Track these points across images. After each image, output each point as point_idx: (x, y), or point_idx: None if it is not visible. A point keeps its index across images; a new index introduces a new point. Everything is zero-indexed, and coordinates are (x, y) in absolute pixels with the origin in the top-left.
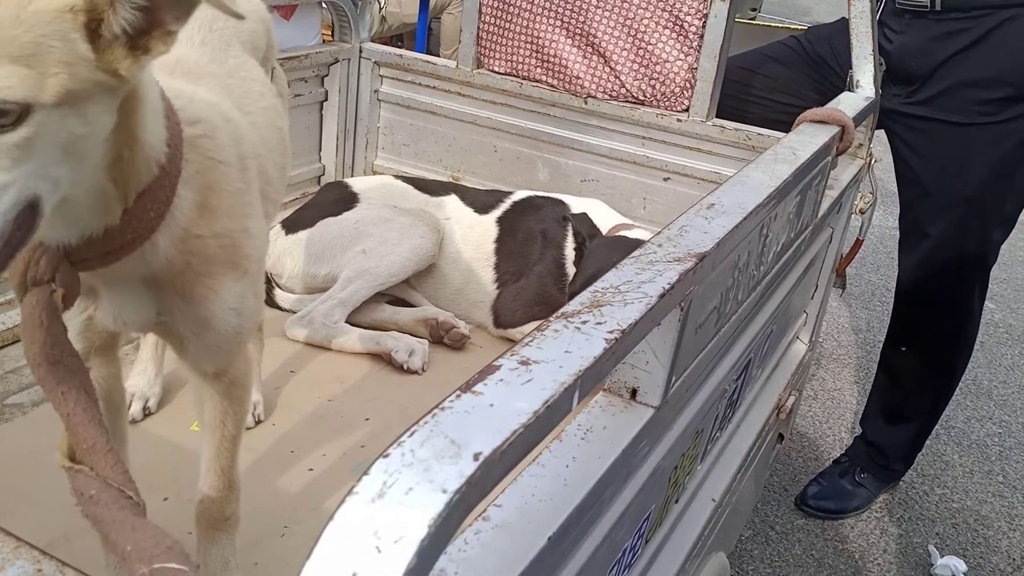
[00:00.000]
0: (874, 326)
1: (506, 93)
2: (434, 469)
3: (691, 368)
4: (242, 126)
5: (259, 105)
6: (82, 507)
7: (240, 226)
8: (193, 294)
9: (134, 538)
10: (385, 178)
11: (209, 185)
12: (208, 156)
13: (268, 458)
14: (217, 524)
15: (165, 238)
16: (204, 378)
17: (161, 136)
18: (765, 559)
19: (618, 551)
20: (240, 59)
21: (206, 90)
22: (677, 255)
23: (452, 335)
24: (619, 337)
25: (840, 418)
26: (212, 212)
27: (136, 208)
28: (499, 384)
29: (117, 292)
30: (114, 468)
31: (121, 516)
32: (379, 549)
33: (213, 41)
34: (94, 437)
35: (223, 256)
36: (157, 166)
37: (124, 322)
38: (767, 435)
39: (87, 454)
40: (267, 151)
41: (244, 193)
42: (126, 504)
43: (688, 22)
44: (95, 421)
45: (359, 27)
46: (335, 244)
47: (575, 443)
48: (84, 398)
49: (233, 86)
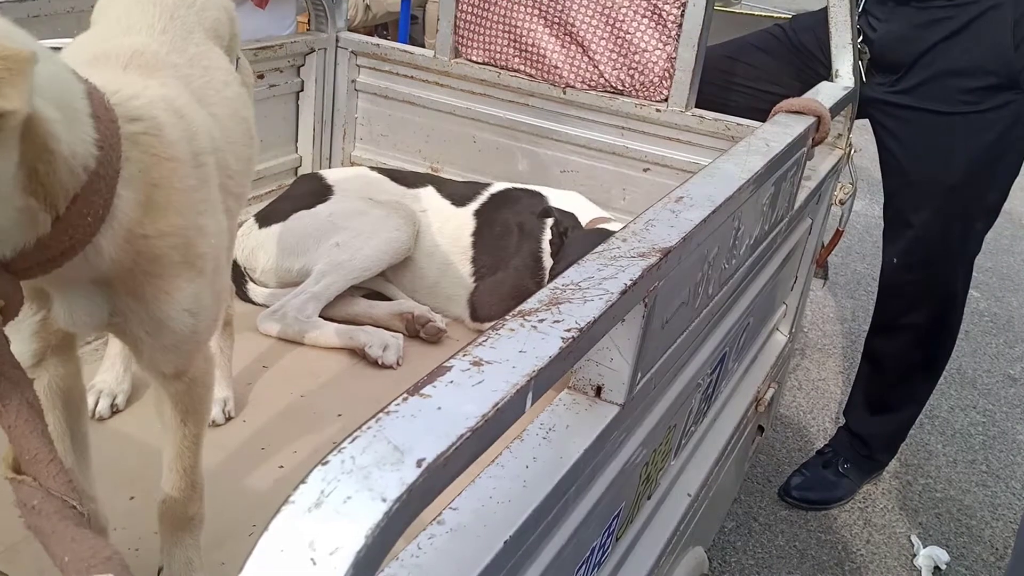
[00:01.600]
0: (859, 316)
1: (484, 83)
2: (374, 477)
3: (658, 364)
4: (197, 120)
5: (222, 95)
6: (25, 518)
7: (193, 224)
8: (145, 294)
9: (72, 548)
10: (360, 169)
11: (154, 183)
12: (151, 153)
13: (238, 455)
14: (180, 524)
15: (108, 240)
16: (162, 379)
17: (86, 140)
18: (748, 550)
19: (585, 550)
20: (202, 47)
21: (159, 83)
22: (641, 250)
23: (428, 329)
24: (577, 336)
25: (824, 408)
26: (159, 210)
27: (70, 215)
28: (449, 386)
29: (68, 294)
30: (56, 478)
31: (61, 527)
32: (314, 561)
33: (174, 29)
34: (37, 448)
35: (174, 256)
36: (86, 172)
37: (76, 322)
38: (746, 428)
39: (30, 465)
40: (229, 143)
41: (197, 190)
42: (69, 515)
43: (666, 11)
44: (37, 432)
45: (335, 16)
46: (308, 237)
47: (536, 443)
48: (26, 409)
49: (194, 76)
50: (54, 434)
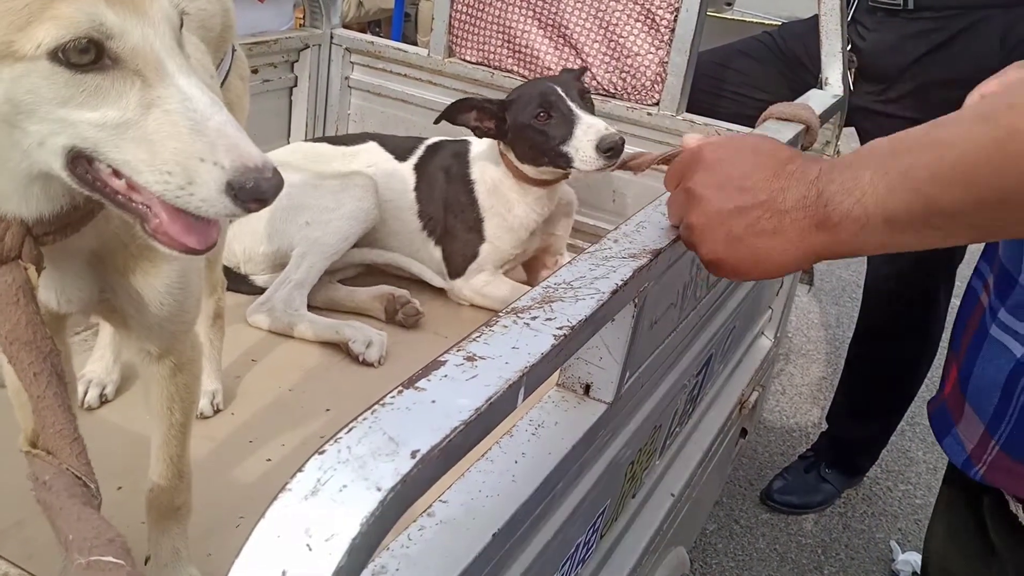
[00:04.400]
0: (843, 322)
1: (477, 83)
2: (369, 466)
3: (646, 364)
4: None
5: None
6: (35, 492)
7: None
8: (136, 269)
9: (77, 527)
10: (294, 145)
11: None
12: None
13: (226, 447)
14: (168, 514)
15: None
16: (149, 359)
17: None
18: (729, 552)
19: (570, 546)
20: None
21: None
22: (632, 251)
23: (407, 309)
24: (568, 334)
25: (807, 413)
26: None
27: None
28: (443, 380)
29: (61, 270)
30: (79, 457)
31: (69, 504)
32: (310, 547)
33: None
34: (62, 423)
35: None
36: None
37: (68, 300)
38: (729, 430)
39: (53, 438)
40: None
41: None
42: (79, 492)
43: (660, 16)
44: (64, 407)
45: (330, 12)
46: (275, 220)
47: (525, 439)
48: (56, 382)
49: None
50: None
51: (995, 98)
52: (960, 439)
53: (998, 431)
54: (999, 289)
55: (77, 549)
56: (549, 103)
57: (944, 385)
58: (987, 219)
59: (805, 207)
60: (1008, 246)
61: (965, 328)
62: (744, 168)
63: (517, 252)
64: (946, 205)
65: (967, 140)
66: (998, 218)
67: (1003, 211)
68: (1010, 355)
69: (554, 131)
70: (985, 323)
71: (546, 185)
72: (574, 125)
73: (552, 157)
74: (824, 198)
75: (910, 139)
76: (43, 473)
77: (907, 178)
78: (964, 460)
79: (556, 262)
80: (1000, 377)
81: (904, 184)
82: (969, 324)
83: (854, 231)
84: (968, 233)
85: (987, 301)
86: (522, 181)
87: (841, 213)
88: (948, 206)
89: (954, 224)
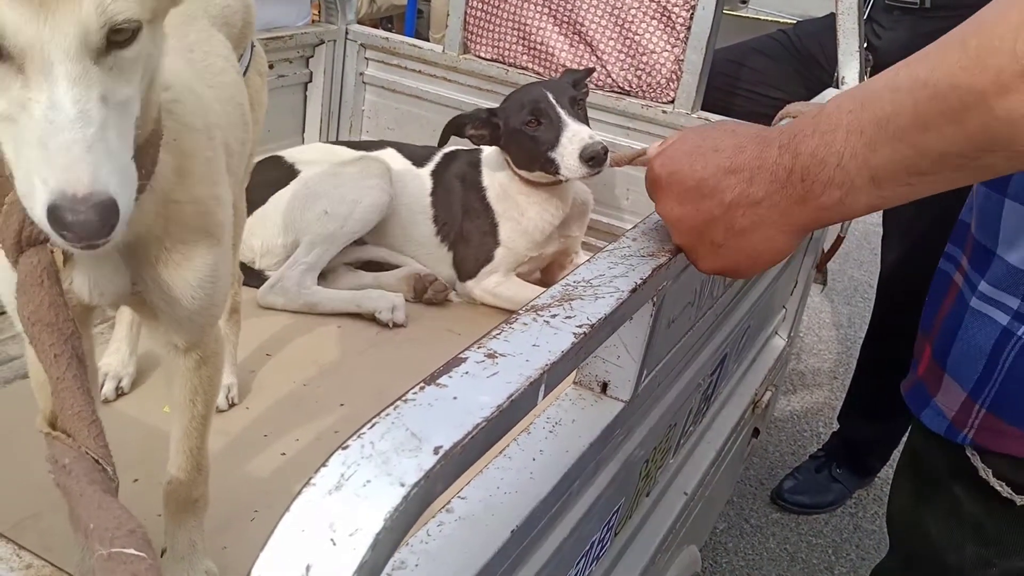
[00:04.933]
0: (855, 322)
1: (492, 79)
2: (393, 462)
3: (663, 363)
4: (205, 96)
5: (220, 79)
6: (54, 475)
7: (213, 193)
8: (169, 261)
9: (98, 516)
10: (314, 144)
11: (184, 151)
12: (182, 122)
13: (240, 441)
14: (185, 506)
15: (149, 200)
16: (175, 353)
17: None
18: (739, 552)
19: (586, 544)
20: (204, 34)
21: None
22: (651, 250)
23: (435, 286)
24: (588, 332)
25: (818, 413)
26: (189, 178)
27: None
28: (464, 377)
29: (95, 262)
30: (96, 439)
31: (89, 490)
32: (334, 541)
33: (176, 14)
34: (81, 405)
35: (199, 223)
36: (153, 123)
37: (100, 293)
38: (742, 429)
39: (71, 420)
40: (228, 124)
41: (214, 161)
42: (98, 479)
43: (676, 13)
44: (84, 389)
45: (346, 8)
46: (293, 210)
47: (543, 436)
48: (76, 364)
49: (194, 59)
50: None
51: (962, 25)
52: (940, 409)
53: (981, 395)
54: (976, 265)
55: (98, 540)
56: (539, 110)
57: (917, 366)
58: (979, 149)
59: (779, 188)
60: (981, 224)
61: (938, 309)
62: (700, 174)
63: (532, 255)
64: (935, 146)
65: (942, 70)
66: (991, 145)
67: (995, 137)
68: (995, 324)
69: (543, 137)
70: (962, 299)
71: (549, 187)
72: (560, 132)
73: (542, 163)
74: (798, 172)
75: (877, 87)
76: (63, 456)
77: (886, 129)
78: (947, 427)
79: (571, 261)
80: (987, 345)
81: (884, 135)
82: (943, 305)
83: (839, 197)
84: (956, 174)
85: (961, 280)
86: (527, 183)
87: (823, 182)
88: (937, 146)
89: (943, 166)
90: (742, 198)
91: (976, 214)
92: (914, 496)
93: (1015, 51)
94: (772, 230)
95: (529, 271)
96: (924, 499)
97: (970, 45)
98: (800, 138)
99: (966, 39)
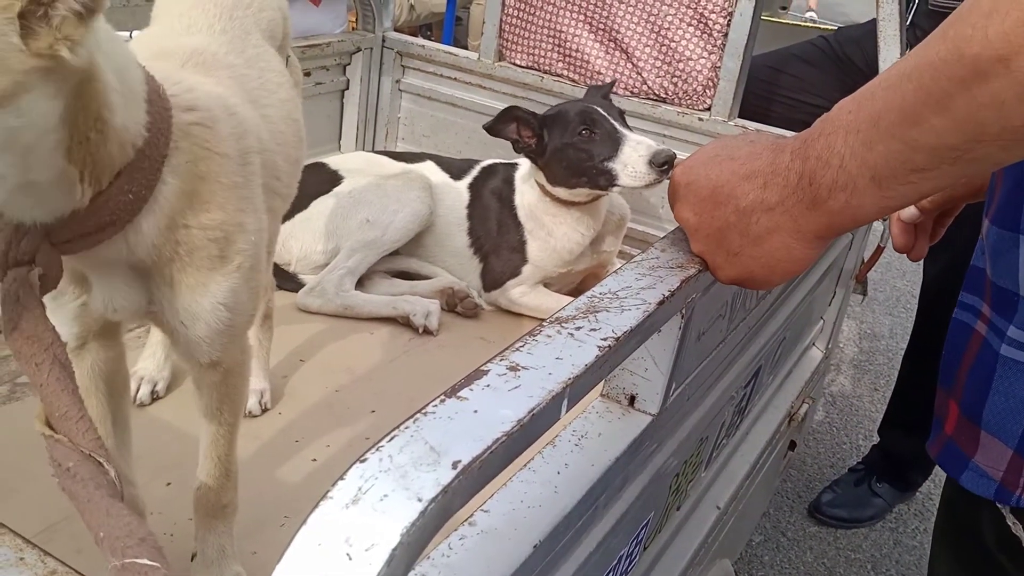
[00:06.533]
0: (897, 333)
1: (527, 87)
2: (411, 476)
3: (693, 376)
4: (248, 119)
5: (276, 97)
6: (59, 479)
7: (234, 220)
8: (181, 285)
9: (108, 524)
10: (357, 153)
11: (201, 175)
12: (202, 146)
13: (272, 446)
14: (214, 512)
15: (149, 224)
16: (198, 368)
17: (138, 119)
18: (775, 565)
19: (613, 558)
20: (259, 48)
21: (215, 82)
22: (679, 261)
23: (466, 304)
24: (613, 345)
25: (858, 425)
26: (203, 203)
27: (112, 190)
28: (485, 390)
29: (106, 279)
30: (85, 434)
31: (97, 496)
32: (350, 556)
33: (233, 30)
34: (67, 405)
35: (213, 249)
36: (133, 149)
37: (114, 309)
38: (777, 443)
39: (60, 421)
40: (278, 145)
41: (242, 187)
42: (103, 482)
43: (712, 20)
44: (68, 390)
45: (382, 16)
46: (336, 217)
47: (568, 449)
48: (58, 368)
49: (250, 77)
50: (95, 417)
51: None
52: (983, 471)
53: None
54: (1000, 311)
55: (110, 550)
56: (592, 121)
57: (942, 425)
58: (969, 139)
59: (791, 194)
60: (997, 267)
61: (960, 362)
62: (715, 181)
63: (561, 271)
64: (926, 139)
65: (925, 62)
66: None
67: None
68: None
69: (598, 149)
70: (989, 349)
71: (581, 206)
72: (621, 143)
73: (592, 176)
74: (807, 176)
75: (873, 85)
76: (66, 459)
77: (879, 126)
78: (996, 489)
79: (607, 272)
80: None
81: (878, 133)
82: (965, 357)
83: (845, 200)
84: (953, 168)
85: (985, 329)
86: (556, 203)
87: (828, 186)
88: (928, 140)
89: (938, 160)
90: (756, 204)
91: (990, 257)
92: (956, 568)
93: (987, 37)
94: (788, 237)
95: (559, 289)
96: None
97: (949, 35)
98: (809, 142)
99: (946, 29)
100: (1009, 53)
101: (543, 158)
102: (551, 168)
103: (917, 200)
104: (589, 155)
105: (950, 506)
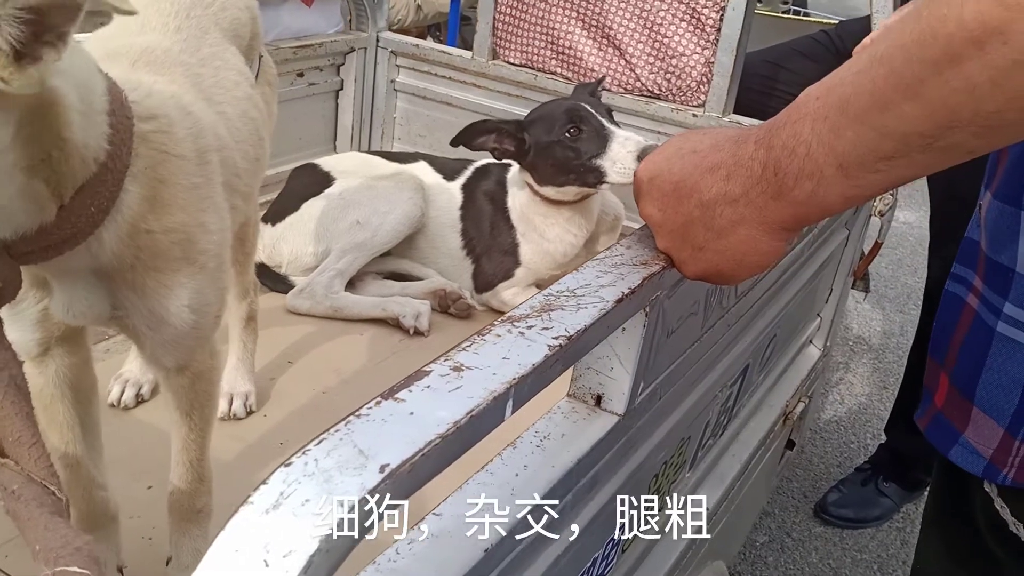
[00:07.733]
0: (907, 330)
1: (521, 85)
2: (335, 480)
3: (664, 375)
4: (203, 119)
5: (231, 95)
6: (4, 502)
7: (195, 220)
8: (146, 289)
9: (44, 537)
10: (350, 153)
11: (161, 179)
12: (161, 150)
13: (256, 449)
14: (188, 516)
15: (111, 233)
16: (165, 373)
17: (99, 134)
18: (780, 566)
19: (586, 560)
20: (216, 47)
21: (168, 80)
22: (644, 258)
23: (458, 305)
24: (564, 344)
25: (865, 424)
26: (164, 206)
27: (74, 204)
28: (425, 391)
29: (68, 285)
30: (38, 462)
31: (37, 513)
32: (267, 563)
33: (189, 28)
34: (20, 430)
35: (176, 251)
36: (96, 163)
37: (76, 315)
38: (772, 442)
39: (13, 447)
40: (236, 142)
41: (201, 187)
42: (47, 502)
43: (705, 15)
44: (22, 414)
45: (376, 15)
46: (326, 218)
47: (529, 451)
48: (13, 391)
49: (204, 75)
50: (62, 423)
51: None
52: (972, 447)
53: (1022, 429)
54: (994, 286)
55: (44, 560)
56: (579, 118)
57: (932, 397)
58: (941, 125)
59: (755, 184)
60: (995, 242)
61: (952, 335)
62: (678, 175)
63: (555, 273)
64: (896, 126)
65: (897, 45)
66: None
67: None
68: None
69: (586, 146)
70: (982, 323)
71: (572, 206)
72: (609, 139)
73: (580, 173)
74: (771, 166)
75: (843, 71)
76: (11, 483)
77: (847, 112)
78: (985, 466)
79: None
80: (1021, 374)
81: (846, 119)
82: (957, 330)
83: (811, 189)
84: (923, 156)
85: (977, 303)
86: (547, 203)
87: (793, 174)
88: (898, 126)
89: (908, 147)
90: (720, 196)
91: (988, 231)
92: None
93: (962, 18)
94: (753, 229)
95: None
96: (959, 561)
97: (923, 16)
98: (774, 131)
99: (920, 11)
100: (983, 35)
101: (527, 159)
102: (538, 168)
103: (885, 190)
104: (576, 152)
105: (941, 490)
